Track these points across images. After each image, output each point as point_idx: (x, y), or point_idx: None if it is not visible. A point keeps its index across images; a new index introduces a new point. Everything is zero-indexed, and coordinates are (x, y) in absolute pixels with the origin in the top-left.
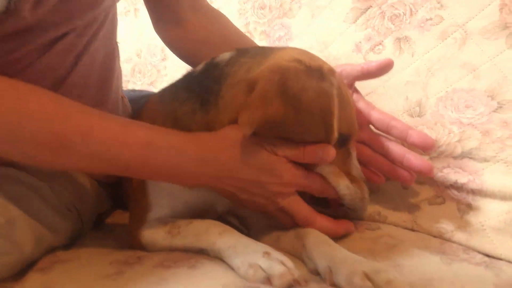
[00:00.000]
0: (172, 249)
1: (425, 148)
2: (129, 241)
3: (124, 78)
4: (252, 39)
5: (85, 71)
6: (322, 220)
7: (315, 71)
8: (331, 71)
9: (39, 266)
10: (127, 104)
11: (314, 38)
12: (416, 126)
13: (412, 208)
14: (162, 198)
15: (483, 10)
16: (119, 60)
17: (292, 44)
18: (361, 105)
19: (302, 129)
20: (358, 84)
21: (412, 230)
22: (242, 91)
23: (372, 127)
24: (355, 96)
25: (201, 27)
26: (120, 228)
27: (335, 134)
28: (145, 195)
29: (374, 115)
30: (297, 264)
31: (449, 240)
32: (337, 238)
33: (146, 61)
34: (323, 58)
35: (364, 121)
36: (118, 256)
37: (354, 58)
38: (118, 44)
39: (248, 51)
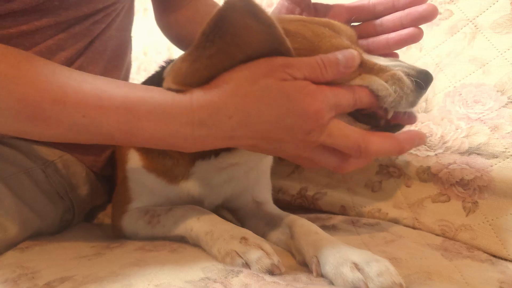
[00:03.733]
0: (154, 238)
1: (417, 1)
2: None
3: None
4: None
5: (95, 57)
6: (379, 139)
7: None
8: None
9: (19, 246)
10: None
11: None
12: (422, 122)
13: (415, 206)
14: (142, 194)
15: (493, 4)
16: (131, 53)
17: None
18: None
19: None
20: None
21: (413, 228)
22: None
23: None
24: (323, 12)
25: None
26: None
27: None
28: (126, 189)
29: (352, 10)
30: (285, 256)
31: (452, 238)
32: (330, 231)
33: (152, 59)
34: None
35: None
36: (101, 241)
37: None
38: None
39: None
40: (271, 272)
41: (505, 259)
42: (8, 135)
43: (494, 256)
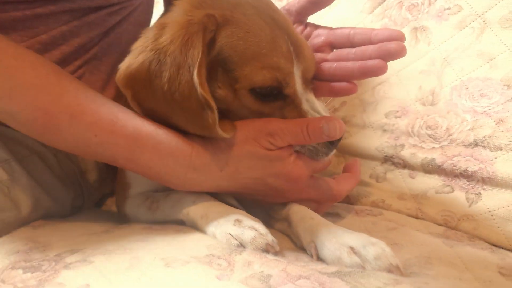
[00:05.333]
0: (156, 223)
1: (393, 38)
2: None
3: None
4: None
5: (109, 48)
6: (346, 181)
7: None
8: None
9: (31, 224)
10: None
11: None
12: (428, 115)
13: (418, 197)
14: (139, 180)
15: None
16: None
17: None
18: (320, 31)
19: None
20: None
21: (416, 217)
22: None
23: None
24: (308, 30)
25: None
26: None
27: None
28: (125, 176)
29: (333, 34)
30: (286, 240)
31: (454, 228)
32: (333, 219)
33: None
34: None
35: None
36: (110, 221)
37: None
38: None
39: None
40: (266, 251)
41: (506, 249)
42: None
43: (495, 246)
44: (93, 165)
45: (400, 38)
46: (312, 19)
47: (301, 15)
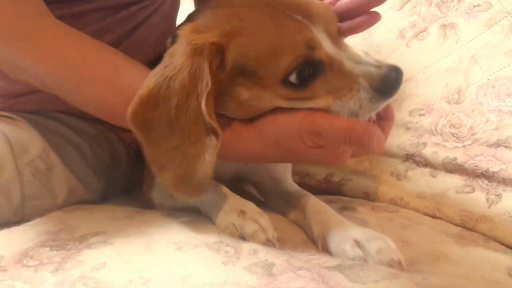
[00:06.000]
0: (178, 209)
1: None
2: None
3: None
4: None
5: (139, 41)
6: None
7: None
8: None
9: (64, 209)
10: None
11: None
12: (453, 113)
13: (438, 196)
14: None
15: None
16: None
17: None
18: None
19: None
20: None
21: (433, 217)
22: None
23: None
24: None
25: None
26: None
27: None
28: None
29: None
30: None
31: (471, 229)
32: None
33: None
34: (366, 45)
35: None
36: (134, 207)
37: (396, 45)
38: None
39: None
40: (266, 245)
41: None
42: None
43: (511, 248)
44: (125, 156)
45: None
46: None
47: None
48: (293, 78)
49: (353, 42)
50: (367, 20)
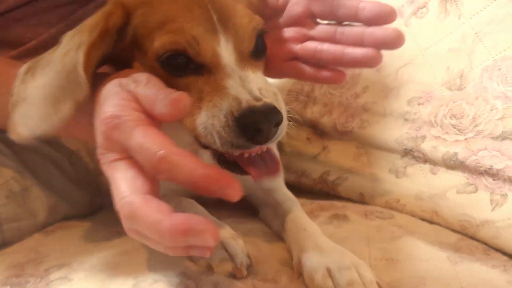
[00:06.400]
0: None
1: (383, 18)
2: None
3: None
4: None
5: None
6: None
7: None
8: None
9: (46, 229)
10: None
11: None
12: (454, 101)
13: (436, 197)
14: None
15: None
16: None
17: None
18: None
19: None
20: (391, 54)
21: (431, 222)
22: None
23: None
24: None
25: None
26: None
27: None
28: None
29: (315, 2)
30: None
31: (472, 236)
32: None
33: None
34: None
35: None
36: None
37: (394, 23)
38: None
39: None
40: (233, 276)
41: None
42: None
43: None
44: None
45: (390, 15)
46: None
47: None
48: (166, 60)
49: None
50: (333, 77)
